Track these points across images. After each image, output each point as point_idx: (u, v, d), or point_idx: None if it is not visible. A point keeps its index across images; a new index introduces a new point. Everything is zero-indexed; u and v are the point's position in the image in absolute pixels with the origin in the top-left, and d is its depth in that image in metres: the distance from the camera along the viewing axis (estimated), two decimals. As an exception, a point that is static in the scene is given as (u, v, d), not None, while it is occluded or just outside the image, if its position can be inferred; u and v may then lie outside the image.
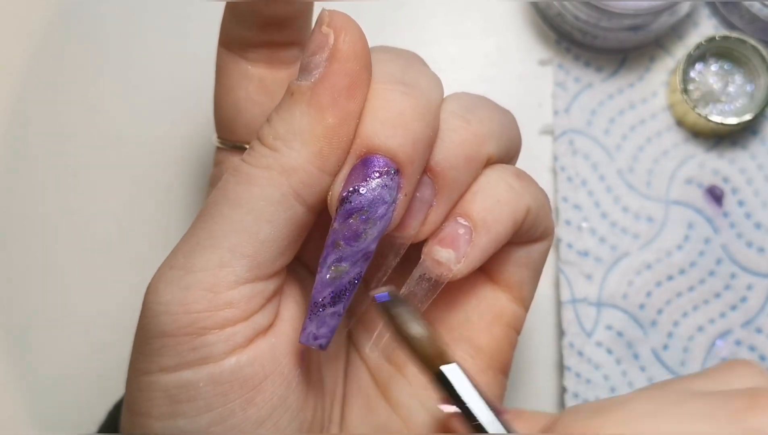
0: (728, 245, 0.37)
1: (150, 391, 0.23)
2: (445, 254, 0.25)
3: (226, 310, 0.22)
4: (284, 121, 0.23)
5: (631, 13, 0.35)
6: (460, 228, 0.25)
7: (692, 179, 0.37)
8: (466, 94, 0.26)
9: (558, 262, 0.37)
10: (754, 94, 0.38)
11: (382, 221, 0.23)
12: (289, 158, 0.22)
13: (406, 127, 0.23)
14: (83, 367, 0.37)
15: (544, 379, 0.37)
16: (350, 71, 0.22)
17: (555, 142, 0.38)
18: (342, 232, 0.23)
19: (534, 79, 0.39)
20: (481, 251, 0.25)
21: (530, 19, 0.40)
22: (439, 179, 0.24)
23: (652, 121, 0.38)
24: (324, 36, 0.22)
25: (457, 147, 0.24)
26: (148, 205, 0.38)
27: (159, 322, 0.22)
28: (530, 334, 0.37)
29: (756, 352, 0.36)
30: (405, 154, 0.23)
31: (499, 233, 0.25)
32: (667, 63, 0.39)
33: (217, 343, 0.22)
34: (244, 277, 0.23)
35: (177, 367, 0.22)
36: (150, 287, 0.23)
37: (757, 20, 0.37)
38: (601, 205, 0.37)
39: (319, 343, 0.23)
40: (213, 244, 0.22)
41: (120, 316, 0.36)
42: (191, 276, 0.22)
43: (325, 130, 0.22)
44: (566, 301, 0.36)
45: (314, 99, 0.22)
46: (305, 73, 0.23)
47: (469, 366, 0.27)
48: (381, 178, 0.22)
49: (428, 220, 0.24)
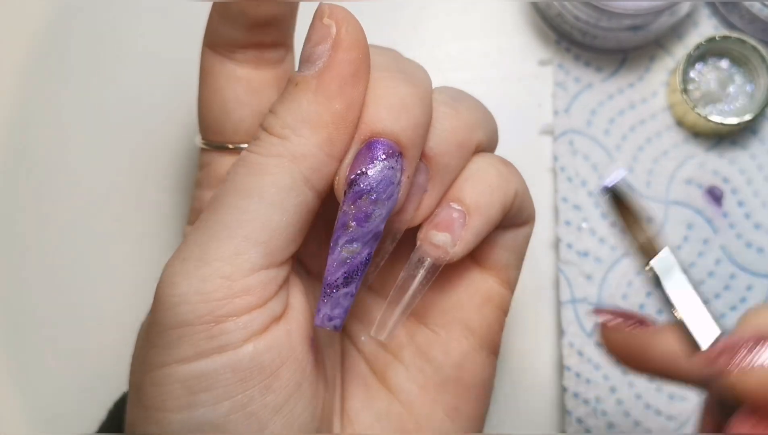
0: (728, 246, 0.37)
1: (166, 384, 0.23)
2: (441, 238, 0.25)
3: (244, 296, 0.23)
4: (291, 111, 0.23)
5: (631, 13, 0.35)
6: (454, 212, 0.26)
7: (692, 179, 0.37)
8: (449, 87, 0.28)
9: (558, 262, 0.37)
10: (753, 94, 0.38)
11: (390, 202, 0.24)
12: (299, 145, 0.23)
13: (408, 111, 0.24)
14: (83, 366, 0.37)
15: (544, 379, 0.37)
16: (354, 60, 0.23)
17: (555, 142, 0.38)
18: (352, 213, 0.23)
19: (534, 79, 0.39)
20: (475, 234, 0.26)
21: (530, 19, 0.40)
22: (433, 164, 0.25)
23: (652, 121, 0.38)
24: (326, 27, 0.23)
25: (450, 134, 0.26)
26: (146, 206, 0.38)
27: (176, 313, 0.22)
28: (530, 334, 0.37)
29: (756, 352, 0.36)
30: (407, 138, 0.24)
31: (491, 217, 0.26)
32: (667, 63, 0.39)
33: (235, 330, 0.23)
34: (259, 264, 0.23)
35: (195, 357, 0.23)
36: (164, 281, 0.23)
37: (757, 20, 0.37)
38: (601, 206, 0.37)
39: (334, 323, 0.24)
40: (228, 234, 0.23)
41: (119, 316, 0.36)
42: (208, 266, 0.23)
43: (333, 117, 0.23)
44: (566, 301, 0.36)
45: (321, 87, 0.23)
46: (308, 63, 0.23)
47: (464, 347, 0.28)
48: (387, 160, 0.23)
49: (423, 204, 0.25)
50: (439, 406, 0.28)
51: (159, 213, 0.38)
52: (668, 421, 0.36)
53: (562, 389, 0.36)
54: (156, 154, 0.39)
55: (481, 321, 0.28)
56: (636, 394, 0.36)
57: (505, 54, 0.39)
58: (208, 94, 0.28)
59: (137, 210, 0.38)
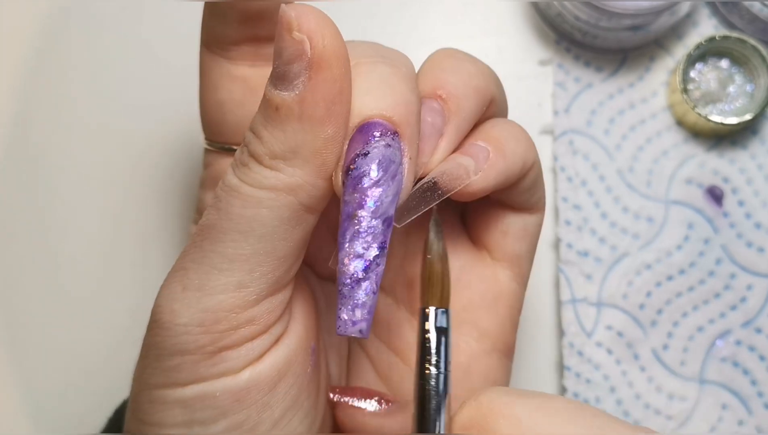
0: (728, 245, 0.37)
1: (164, 404, 0.22)
2: (464, 160, 0.24)
3: (248, 327, 0.22)
4: (278, 140, 0.21)
5: (631, 13, 0.35)
6: (478, 147, 0.24)
7: (692, 179, 0.37)
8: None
9: (558, 262, 0.37)
10: (754, 94, 0.38)
11: (395, 182, 0.22)
12: (293, 177, 0.21)
13: (392, 88, 0.22)
14: (82, 366, 0.37)
15: (544, 379, 0.37)
16: (337, 76, 0.21)
17: (555, 142, 0.38)
18: (355, 201, 0.22)
19: (534, 79, 0.39)
20: (497, 173, 0.24)
21: (530, 19, 0.40)
22: (450, 105, 0.24)
23: (652, 121, 0.38)
24: (298, 43, 0.21)
25: (467, 77, 0.24)
26: (147, 208, 0.38)
27: (178, 342, 0.22)
28: (530, 334, 0.37)
29: (756, 352, 0.36)
30: (400, 115, 0.22)
31: (511, 166, 0.25)
32: (667, 63, 0.39)
33: (236, 358, 0.22)
34: (264, 293, 0.22)
35: (194, 381, 0.22)
36: (162, 307, 0.22)
37: (757, 20, 0.37)
38: (601, 205, 0.37)
39: (359, 328, 0.22)
40: (230, 267, 0.22)
41: (120, 319, 0.36)
42: (210, 298, 0.22)
43: (325, 142, 0.21)
44: (566, 301, 0.36)
45: (306, 114, 0.21)
46: (284, 82, 0.21)
47: (474, 350, 0.27)
48: (382, 139, 0.22)
49: (439, 147, 0.24)
50: (445, 411, 0.26)
51: (163, 213, 0.38)
52: (667, 421, 0.36)
53: (562, 389, 0.36)
54: (160, 154, 0.39)
55: (493, 321, 0.27)
56: (635, 394, 0.36)
57: (505, 54, 0.39)
58: (207, 94, 0.28)
59: (140, 210, 0.38)
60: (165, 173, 0.38)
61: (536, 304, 0.37)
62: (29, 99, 0.39)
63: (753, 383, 0.36)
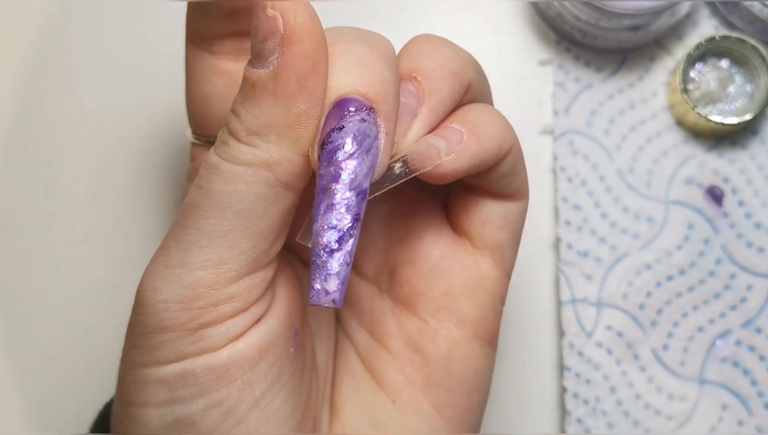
0: (728, 245, 0.37)
1: (147, 383, 0.23)
2: (435, 141, 0.24)
3: (228, 304, 0.22)
4: (253, 115, 0.22)
5: (631, 14, 0.35)
6: (451, 129, 0.24)
7: (692, 179, 0.37)
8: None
9: (558, 262, 0.37)
10: (754, 94, 0.38)
11: (369, 156, 0.22)
12: (269, 152, 0.22)
13: (369, 66, 0.22)
14: (84, 369, 0.37)
15: (544, 379, 0.37)
16: (309, 52, 0.22)
17: (555, 142, 0.38)
18: (330, 173, 0.22)
19: (534, 79, 0.39)
20: (470, 155, 0.24)
21: (530, 19, 0.40)
22: (425, 85, 0.24)
23: (652, 122, 0.38)
24: (271, 20, 0.21)
25: (444, 58, 0.24)
26: (149, 206, 0.38)
27: (159, 319, 0.22)
28: (530, 334, 0.37)
29: (756, 352, 0.36)
30: (376, 92, 0.22)
31: (487, 149, 0.24)
32: (667, 63, 0.39)
33: (216, 335, 0.23)
34: (244, 271, 0.23)
35: (175, 359, 0.22)
36: (145, 285, 0.23)
37: (757, 20, 0.37)
38: (601, 206, 0.37)
39: (332, 298, 0.22)
40: (210, 243, 0.22)
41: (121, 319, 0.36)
42: (190, 274, 0.22)
43: (297, 117, 0.22)
44: (566, 301, 0.36)
45: (279, 88, 0.22)
46: (260, 60, 0.22)
47: (455, 337, 0.27)
48: (357, 113, 0.22)
49: (412, 127, 0.24)
50: (426, 399, 0.27)
51: (166, 211, 0.38)
52: (667, 421, 0.36)
53: (562, 389, 0.36)
54: (162, 152, 0.39)
55: (473, 309, 0.27)
56: (636, 395, 0.36)
57: (505, 54, 0.39)
58: (192, 88, 0.28)
59: (143, 208, 0.38)
60: (167, 171, 0.38)
61: (536, 304, 0.37)
62: (29, 99, 0.39)
63: (753, 383, 0.36)
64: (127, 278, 0.37)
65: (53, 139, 0.39)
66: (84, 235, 0.38)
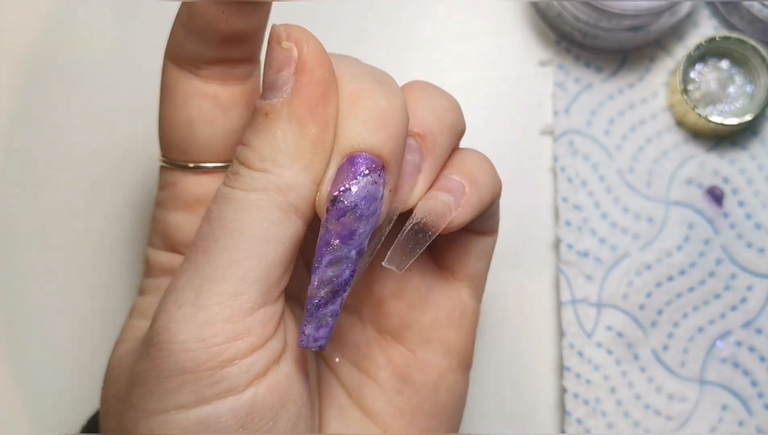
0: (728, 246, 0.37)
1: (164, 431, 0.22)
2: (444, 197, 0.25)
3: (245, 338, 0.22)
4: (266, 142, 0.23)
5: (631, 14, 0.35)
6: (454, 182, 0.25)
7: (692, 180, 0.37)
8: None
9: (558, 262, 0.37)
10: (754, 94, 0.38)
11: (374, 218, 0.23)
12: (281, 177, 0.23)
13: (388, 124, 0.23)
14: (84, 369, 0.37)
15: (544, 380, 0.37)
16: (321, 79, 0.23)
17: (555, 142, 0.38)
18: (336, 231, 0.23)
19: (534, 79, 0.39)
20: (473, 206, 0.25)
21: (530, 20, 0.40)
22: (428, 143, 0.25)
23: (652, 122, 0.38)
24: (287, 51, 0.23)
25: (444, 113, 0.25)
26: (149, 209, 0.38)
27: (177, 361, 0.22)
28: (530, 335, 0.37)
29: (756, 352, 0.36)
30: (389, 151, 0.23)
31: (484, 198, 0.26)
32: (667, 63, 0.39)
33: (238, 374, 0.22)
34: (259, 302, 0.23)
35: (196, 403, 0.22)
36: (160, 328, 0.22)
37: (757, 21, 0.37)
38: (601, 206, 0.37)
39: (319, 344, 0.24)
40: (223, 275, 0.22)
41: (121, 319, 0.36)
42: (205, 311, 0.22)
43: (310, 142, 0.23)
44: (566, 302, 0.36)
45: (293, 114, 0.23)
46: (274, 90, 0.23)
47: (442, 366, 0.28)
48: (370, 175, 0.23)
49: (418, 184, 0.25)
50: (415, 427, 0.27)
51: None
52: (668, 422, 0.36)
53: (562, 390, 0.36)
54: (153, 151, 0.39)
55: (459, 338, 0.28)
56: (636, 395, 0.36)
57: (505, 54, 0.39)
58: (172, 110, 0.26)
59: (143, 211, 0.38)
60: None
61: (536, 304, 0.37)
62: (29, 99, 0.39)
63: (753, 384, 0.36)
64: (127, 279, 0.38)
65: (54, 139, 0.39)
66: (84, 235, 0.38)
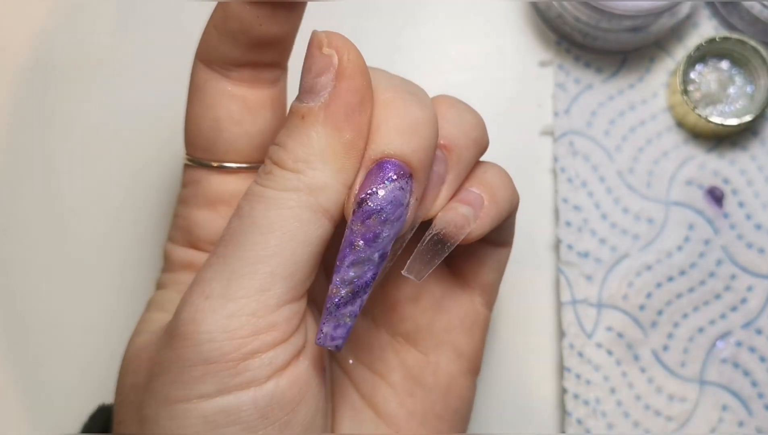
0: (728, 246, 0.37)
1: (187, 419, 0.23)
2: (464, 209, 0.26)
3: (270, 332, 0.23)
4: (301, 144, 0.23)
5: (631, 15, 0.35)
6: (474, 195, 0.26)
7: (692, 180, 0.37)
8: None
9: (558, 263, 0.37)
10: (754, 95, 0.38)
11: (398, 223, 0.24)
12: (314, 178, 0.23)
13: (419, 134, 0.24)
14: (84, 369, 0.37)
15: (544, 380, 0.37)
16: (358, 87, 0.23)
17: (555, 143, 0.38)
18: (361, 232, 0.23)
19: (534, 80, 0.39)
20: (491, 219, 0.26)
21: (530, 20, 0.40)
22: (454, 155, 0.26)
23: (652, 122, 0.38)
24: (327, 57, 0.23)
25: (470, 128, 0.26)
26: (152, 208, 0.38)
27: (202, 350, 0.22)
28: (530, 335, 0.37)
29: (756, 353, 0.36)
30: (418, 161, 0.24)
31: (501, 211, 0.27)
32: (667, 64, 0.39)
33: (260, 366, 0.23)
34: (285, 299, 0.23)
35: (217, 393, 0.23)
36: (186, 318, 0.23)
37: (757, 22, 0.37)
38: (601, 206, 0.37)
39: (336, 344, 0.24)
40: (252, 270, 0.23)
41: (122, 320, 0.36)
42: (233, 303, 0.23)
43: (344, 147, 0.23)
44: (566, 302, 0.36)
45: (329, 118, 0.23)
46: (311, 94, 0.23)
47: (453, 371, 0.29)
48: (397, 181, 0.23)
49: (441, 194, 0.26)
50: (426, 429, 0.28)
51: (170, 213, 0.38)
52: (668, 422, 0.36)
53: (562, 390, 0.36)
54: (157, 151, 0.39)
55: (470, 344, 0.29)
56: (636, 395, 0.36)
57: (505, 55, 0.39)
58: (200, 110, 0.27)
59: (146, 210, 0.38)
60: (170, 172, 0.38)
61: (536, 305, 0.37)
62: (30, 99, 0.39)
63: (753, 384, 0.36)
64: (127, 279, 0.38)
65: (54, 139, 0.39)
66: (84, 235, 0.38)
